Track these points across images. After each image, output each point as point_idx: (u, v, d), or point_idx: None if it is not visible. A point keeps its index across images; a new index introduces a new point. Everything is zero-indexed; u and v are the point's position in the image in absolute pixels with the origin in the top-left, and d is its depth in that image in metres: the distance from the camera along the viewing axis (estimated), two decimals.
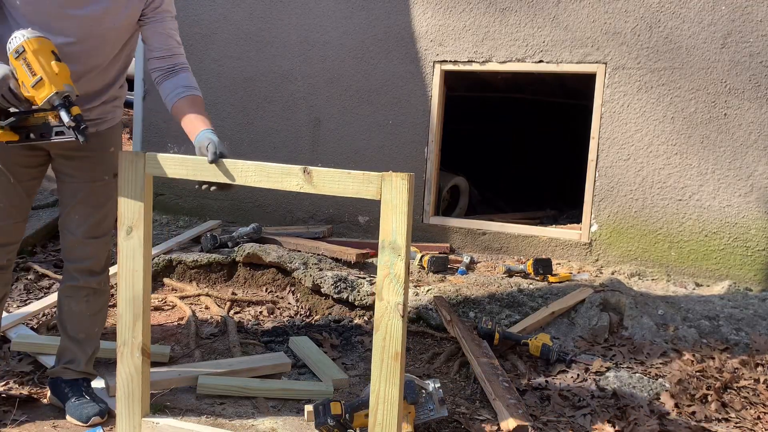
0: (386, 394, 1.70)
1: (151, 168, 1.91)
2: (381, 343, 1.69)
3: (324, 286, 3.62)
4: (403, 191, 1.65)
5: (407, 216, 1.66)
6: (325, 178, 1.75)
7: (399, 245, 1.66)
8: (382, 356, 1.69)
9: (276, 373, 2.79)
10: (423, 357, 3.07)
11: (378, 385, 1.71)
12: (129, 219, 1.92)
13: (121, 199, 1.93)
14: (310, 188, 1.75)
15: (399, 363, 1.68)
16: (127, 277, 1.94)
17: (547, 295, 3.56)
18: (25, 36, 1.84)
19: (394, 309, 1.67)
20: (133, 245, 1.93)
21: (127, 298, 1.94)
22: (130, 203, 1.92)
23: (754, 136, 3.95)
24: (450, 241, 4.66)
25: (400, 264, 1.66)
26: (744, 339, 3.17)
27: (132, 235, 1.92)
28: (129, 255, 1.93)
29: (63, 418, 2.28)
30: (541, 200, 6.85)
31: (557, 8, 4.33)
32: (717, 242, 4.05)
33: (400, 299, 1.67)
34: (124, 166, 1.91)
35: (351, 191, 1.72)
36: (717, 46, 3.99)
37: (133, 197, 1.91)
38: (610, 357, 3.00)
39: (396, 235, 1.67)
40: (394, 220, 1.67)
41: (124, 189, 1.92)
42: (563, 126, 7.23)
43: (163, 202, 5.31)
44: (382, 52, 4.81)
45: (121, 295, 1.95)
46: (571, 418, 2.46)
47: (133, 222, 1.92)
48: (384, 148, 4.83)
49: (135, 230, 1.92)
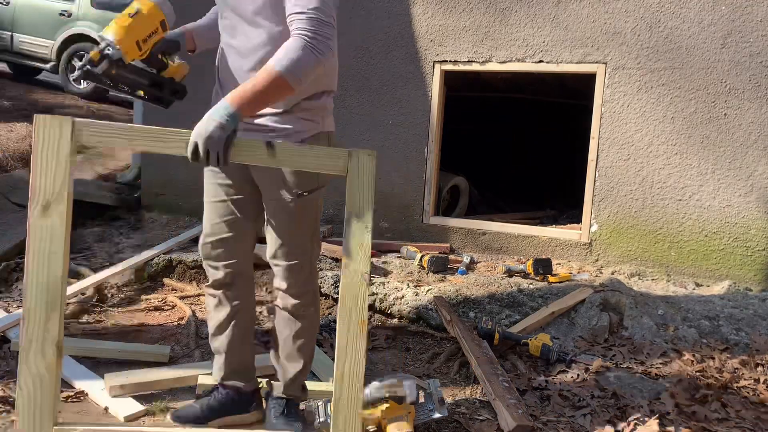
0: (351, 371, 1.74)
1: (82, 136, 1.72)
2: (348, 317, 1.75)
3: (324, 286, 3.62)
4: (370, 167, 1.78)
5: (372, 190, 1.78)
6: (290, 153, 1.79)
7: (365, 217, 1.78)
8: (348, 329, 1.74)
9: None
10: (423, 357, 3.07)
11: (343, 361, 1.74)
12: (47, 192, 1.68)
13: (38, 170, 1.68)
14: (273, 162, 1.78)
15: (364, 335, 1.75)
16: (40, 261, 1.68)
17: (547, 295, 3.56)
18: None
19: (360, 279, 1.75)
20: (51, 224, 1.67)
21: (40, 284, 1.68)
22: (51, 174, 1.68)
23: (754, 136, 3.95)
24: (450, 241, 4.66)
25: (367, 236, 1.77)
26: (744, 339, 3.17)
27: (50, 212, 1.67)
28: (45, 235, 1.67)
29: (62, 418, 2.28)
30: (541, 200, 6.86)
31: (557, 8, 4.33)
32: (717, 242, 4.05)
33: (366, 269, 1.76)
34: (43, 130, 1.69)
35: (315, 166, 1.80)
36: (717, 46, 3.99)
37: (55, 167, 1.68)
38: (610, 357, 3.00)
39: (362, 208, 1.78)
40: (360, 193, 1.77)
41: (43, 157, 1.68)
42: (563, 126, 7.23)
43: (163, 202, 5.32)
44: (382, 52, 4.81)
45: (31, 281, 1.68)
46: (571, 418, 2.46)
47: (53, 196, 1.68)
48: (384, 148, 4.83)
49: (55, 205, 1.67)
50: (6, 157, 5.49)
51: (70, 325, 3.19)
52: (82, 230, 4.70)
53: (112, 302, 3.61)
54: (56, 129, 1.68)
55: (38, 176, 1.68)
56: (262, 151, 1.76)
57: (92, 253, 4.36)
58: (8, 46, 9.24)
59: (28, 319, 1.68)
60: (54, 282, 1.68)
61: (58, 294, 1.69)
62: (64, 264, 1.70)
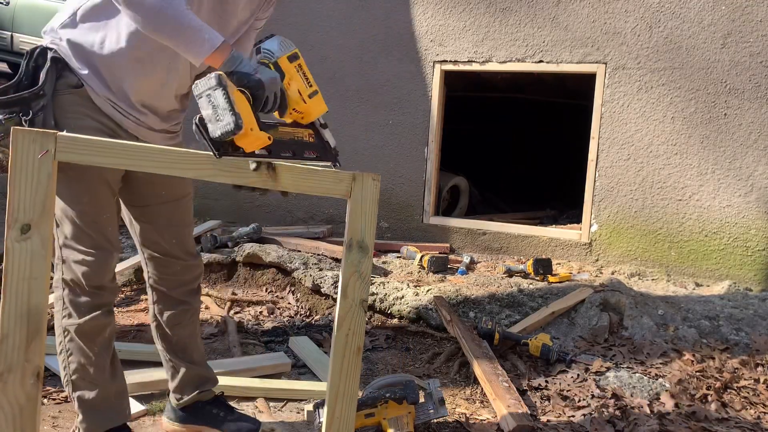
0: (346, 389, 1.72)
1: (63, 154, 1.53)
2: (344, 339, 1.71)
3: (324, 286, 3.62)
4: (374, 191, 1.68)
5: (375, 216, 1.69)
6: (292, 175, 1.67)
7: (366, 244, 1.69)
8: (344, 352, 1.71)
9: (276, 373, 2.79)
10: (423, 357, 3.07)
11: (338, 380, 1.72)
12: (27, 214, 1.52)
13: (16, 190, 1.51)
14: (274, 185, 1.67)
15: (359, 357, 1.72)
16: (19, 288, 1.53)
17: (547, 295, 3.56)
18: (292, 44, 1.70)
19: (358, 306, 1.71)
20: (31, 247, 1.52)
21: (20, 313, 1.54)
22: (30, 195, 1.51)
23: (754, 136, 3.95)
24: (450, 241, 4.66)
25: (367, 263, 1.70)
26: (744, 339, 3.17)
27: (30, 235, 1.52)
28: (25, 259, 1.52)
29: (62, 417, 2.28)
30: (541, 200, 6.86)
31: (557, 8, 4.33)
32: (717, 242, 4.05)
33: (365, 296, 1.71)
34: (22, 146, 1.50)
35: (320, 190, 1.70)
36: (717, 46, 3.99)
37: (36, 187, 1.51)
38: (610, 357, 3.00)
39: (364, 235, 1.69)
40: (362, 219, 1.69)
41: (22, 176, 1.51)
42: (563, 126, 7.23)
43: None
44: (382, 52, 4.81)
45: (9, 309, 1.53)
46: (571, 418, 2.46)
47: (33, 218, 1.52)
48: (384, 148, 4.83)
49: (35, 228, 1.52)
50: (6, 157, 5.49)
51: None
52: None
53: None
54: (36, 146, 1.50)
55: (16, 197, 1.51)
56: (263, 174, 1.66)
57: None
58: (8, 46, 9.24)
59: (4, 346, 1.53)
60: (36, 309, 1.54)
61: (41, 322, 1.55)
62: (46, 289, 1.56)
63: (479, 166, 7.29)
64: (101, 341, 1.91)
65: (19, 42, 9.17)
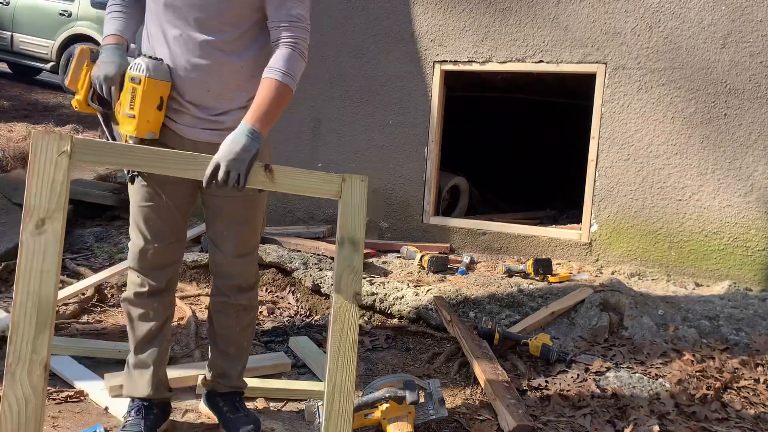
0: (343, 383, 1.78)
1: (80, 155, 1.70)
2: (339, 333, 1.79)
3: (324, 286, 3.62)
4: (363, 192, 1.84)
5: (364, 214, 1.85)
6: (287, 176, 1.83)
7: (357, 240, 1.83)
8: (340, 346, 1.78)
9: (276, 373, 2.79)
10: (423, 357, 3.07)
11: (335, 373, 1.77)
12: (42, 210, 1.65)
13: (34, 185, 1.65)
14: (272, 186, 1.83)
15: (355, 351, 1.79)
16: (32, 279, 1.63)
17: (547, 295, 3.56)
18: (150, 72, 1.88)
19: (352, 300, 1.81)
20: (45, 241, 1.64)
21: (31, 303, 1.62)
22: (47, 191, 1.65)
23: (754, 136, 3.95)
24: (450, 241, 4.66)
25: (358, 258, 1.82)
26: (744, 339, 3.17)
27: (45, 229, 1.64)
28: (38, 252, 1.63)
29: (62, 417, 2.28)
30: (541, 200, 6.86)
31: (557, 8, 4.33)
32: (717, 242, 4.05)
33: (358, 290, 1.83)
34: (41, 147, 1.65)
35: (312, 190, 1.85)
36: (717, 47, 3.99)
37: (52, 185, 1.65)
38: (610, 357, 3.00)
39: (354, 232, 1.83)
40: (352, 217, 1.84)
41: (40, 174, 1.65)
42: (563, 126, 7.23)
43: None
44: (382, 52, 4.81)
45: (20, 299, 1.62)
46: (571, 418, 2.46)
47: (48, 213, 1.64)
48: (384, 148, 4.83)
49: (49, 223, 1.64)
50: (6, 157, 5.49)
51: (70, 325, 3.19)
52: (82, 230, 4.70)
53: (112, 302, 3.61)
54: (54, 147, 1.66)
55: (33, 194, 1.64)
56: (261, 175, 1.82)
57: (92, 253, 4.36)
58: (8, 46, 9.24)
59: (14, 337, 1.61)
60: (45, 300, 1.63)
61: (50, 313, 1.63)
62: (56, 282, 1.66)
63: (479, 166, 7.29)
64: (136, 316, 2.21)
65: (19, 42, 9.18)
